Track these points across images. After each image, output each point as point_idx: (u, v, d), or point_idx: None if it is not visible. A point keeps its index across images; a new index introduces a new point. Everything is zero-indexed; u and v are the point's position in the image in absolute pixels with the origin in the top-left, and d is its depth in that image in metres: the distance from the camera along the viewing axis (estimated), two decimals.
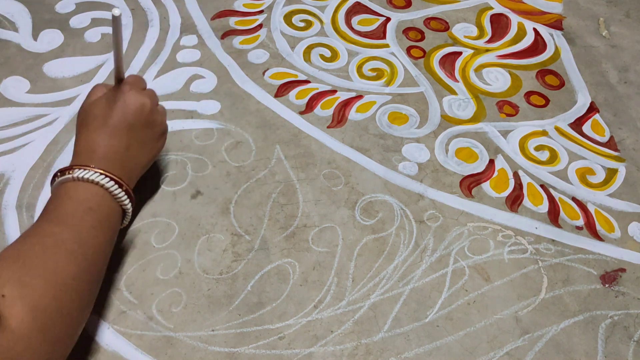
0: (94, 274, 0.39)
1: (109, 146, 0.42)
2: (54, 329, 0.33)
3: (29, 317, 0.32)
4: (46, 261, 0.35)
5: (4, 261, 0.34)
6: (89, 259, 0.38)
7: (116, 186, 0.41)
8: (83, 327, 0.38)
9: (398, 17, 0.73)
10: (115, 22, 0.40)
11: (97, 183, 0.40)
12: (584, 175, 0.58)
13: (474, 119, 0.62)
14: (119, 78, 0.45)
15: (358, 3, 0.75)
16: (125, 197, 0.42)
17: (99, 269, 0.39)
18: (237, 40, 0.67)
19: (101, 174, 0.40)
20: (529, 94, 0.65)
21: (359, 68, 0.66)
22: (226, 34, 0.68)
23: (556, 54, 0.70)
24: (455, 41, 0.71)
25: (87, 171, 0.40)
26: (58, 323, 0.34)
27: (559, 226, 0.53)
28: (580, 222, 0.53)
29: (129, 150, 0.43)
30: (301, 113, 0.60)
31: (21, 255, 0.35)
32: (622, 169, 0.58)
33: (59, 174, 0.41)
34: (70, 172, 0.40)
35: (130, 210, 0.43)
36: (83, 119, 0.44)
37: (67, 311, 0.35)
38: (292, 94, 0.62)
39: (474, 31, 0.72)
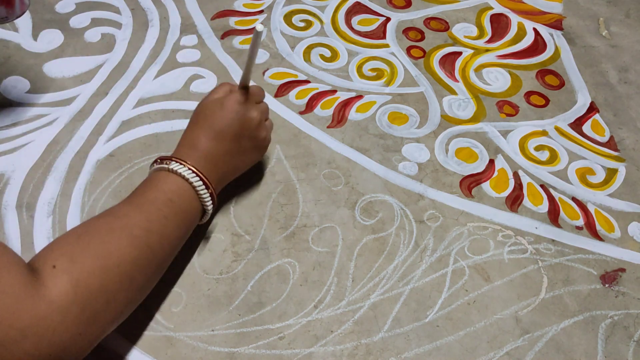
0: (154, 264, 0.39)
1: (210, 148, 0.44)
2: (94, 307, 0.34)
3: (71, 291, 0.33)
4: (106, 242, 0.36)
5: (69, 236, 0.37)
6: (153, 247, 0.38)
7: (203, 187, 0.43)
8: (129, 314, 0.39)
9: (398, 17, 0.73)
10: (256, 36, 0.42)
11: (187, 179, 0.42)
12: (584, 175, 0.58)
13: (474, 119, 0.62)
14: (244, 85, 0.47)
15: (358, 3, 0.75)
16: (209, 198, 0.43)
17: (160, 260, 0.40)
18: (237, 40, 0.67)
19: (193, 172, 0.42)
20: (529, 94, 0.65)
21: (359, 68, 0.66)
22: (226, 34, 0.68)
23: (556, 54, 0.70)
24: (455, 41, 0.71)
25: (182, 166, 0.42)
26: (100, 302, 0.34)
27: (559, 226, 0.53)
28: (580, 222, 0.53)
29: (227, 156, 0.45)
30: (301, 113, 0.60)
31: (87, 231, 0.37)
32: (622, 169, 0.58)
33: (158, 160, 0.43)
34: (168, 162, 0.43)
35: (210, 211, 0.44)
36: (197, 114, 0.46)
37: (112, 294, 0.35)
38: (292, 94, 0.62)
39: (474, 31, 0.72)
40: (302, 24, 0.70)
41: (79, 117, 0.57)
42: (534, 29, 0.74)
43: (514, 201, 0.54)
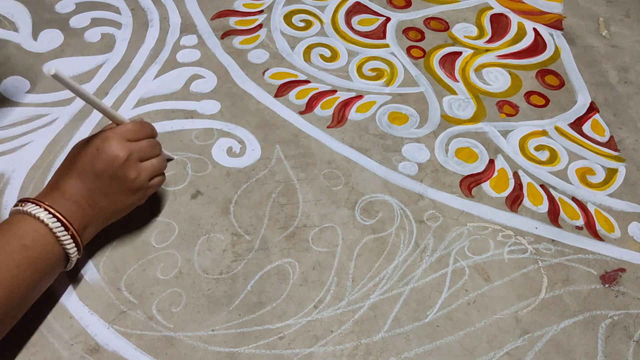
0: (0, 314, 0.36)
1: (72, 187, 0.41)
2: None
3: None
4: None
5: None
6: None
7: (62, 229, 0.39)
8: None
9: (398, 17, 0.73)
10: (57, 79, 0.37)
11: (43, 221, 0.38)
12: (584, 175, 0.58)
13: (474, 119, 0.62)
14: (116, 122, 0.44)
15: (358, 3, 0.75)
16: (70, 241, 0.40)
17: (5, 312, 0.36)
18: (237, 40, 0.67)
19: (50, 212, 0.39)
20: (529, 94, 0.65)
21: (359, 68, 0.66)
22: (226, 34, 0.68)
23: (556, 54, 0.70)
24: (455, 41, 0.71)
25: (37, 207, 0.39)
26: None
27: (559, 226, 0.53)
28: (580, 222, 0.53)
29: (91, 195, 0.41)
30: (301, 113, 0.60)
31: None
32: (622, 169, 0.58)
33: (18, 202, 0.40)
34: (23, 204, 0.39)
35: (74, 256, 0.41)
36: (67, 155, 0.43)
37: None
38: (292, 94, 0.62)
39: (474, 31, 0.72)
40: (302, 24, 0.70)
41: (79, 117, 0.57)
42: (534, 29, 0.74)
43: (514, 201, 0.54)
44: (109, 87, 0.60)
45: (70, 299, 0.44)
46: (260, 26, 0.69)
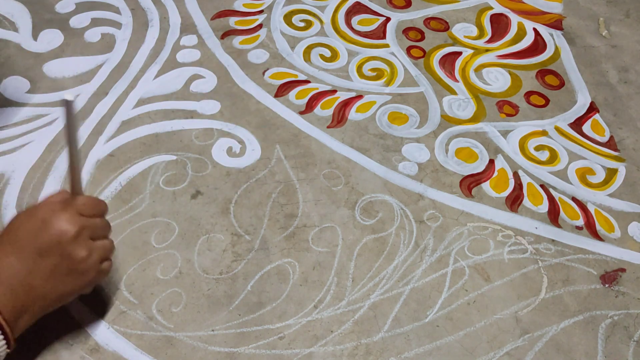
0: None
1: (8, 267, 0.35)
2: None
3: None
4: None
5: None
6: None
7: None
8: None
9: (398, 17, 0.73)
10: (68, 107, 0.34)
11: None
12: (584, 175, 0.58)
13: (474, 119, 0.62)
14: (74, 191, 0.39)
15: (358, 3, 0.75)
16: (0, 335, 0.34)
17: None
18: (237, 40, 0.67)
19: None
20: (529, 94, 0.65)
21: (359, 68, 0.66)
22: (226, 34, 0.68)
23: (556, 54, 0.70)
24: (455, 41, 0.71)
25: None
26: None
27: (559, 226, 0.53)
28: (580, 222, 0.53)
29: (30, 277, 0.35)
30: (301, 113, 0.60)
31: None
32: (622, 169, 0.58)
33: None
34: None
35: (3, 350, 0.35)
36: (5, 227, 0.37)
37: None
38: (292, 94, 0.62)
39: (474, 31, 0.72)
40: (302, 24, 0.70)
41: (79, 117, 0.57)
42: (534, 29, 0.74)
43: (514, 201, 0.54)
44: (109, 87, 0.60)
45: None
46: (260, 26, 0.69)
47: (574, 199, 0.55)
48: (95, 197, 0.41)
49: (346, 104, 0.61)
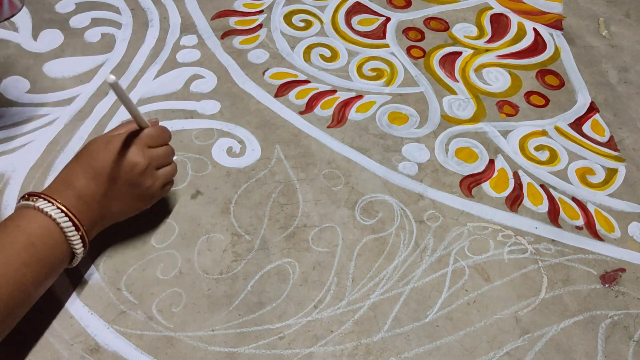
0: (3, 311, 0.35)
1: (85, 187, 0.40)
2: None
3: None
4: None
5: None
6: (3, 294, 0.35)
7: (72, 228, 0.39)
8: None
9: (398, 17, 0.73)
10: (115, 88, 0.39)
11: (55, 220, 0.38)
12: (584, 175, 0.58)
13: (474, 119, 0.62)
14: (139, 125, 0.44)
15: (358, 3, 0.75)
16: (79, 241, 0.39)
17: (9, 308, 0.36)
18: (237, 40, 0.67)
19: (62, 211, 0.38)
20: (529, 94, 0.65)
21: (359, 68, 0.66)
22: (226, 34, 0.68)
23: (556, 54, 0.70)
24: (455, 41, 0.71)
25: (49, 204, 0.38)
26: None
27: (559, 226, 0.53)
28: (580, 222, 0.53)
29: (104, 198, 0.41)
30: (301, 113, 0.60)
31: None
32: (622, 169, 0.58)
33: (26, 196, 0.39)
34: (35, 199, 0.39)
35: (80, 255, 0.40)
36: (81, 150, 0.42)
37: None
38: (292, 94, 0.62)
39: (474, 31, 0.72)
40: (302, 24, 0.70)
41: (79, 117, 0.57)
42: (534, 29, 0.74)
43: (514, 201, 0.54)
44: (109, 87, 0.59)
45: (70, 299, 0.44)
46: (260, 26, 0.69)
47: (574, 199, 0.55)
48: (160, 128, 0.45)
49: (346, 104, 0.61)
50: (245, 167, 0.54)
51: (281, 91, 0.62)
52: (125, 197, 0.43)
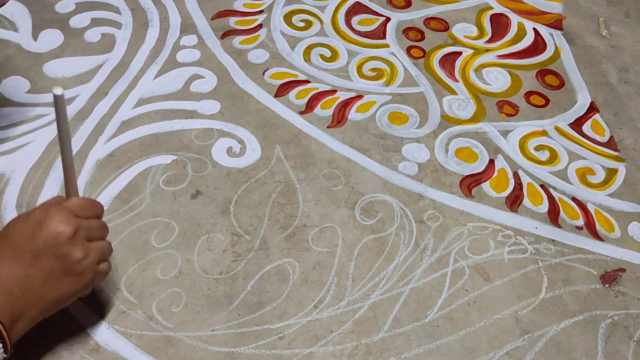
0: None
1: (4, 270, 0.35)
2: None
3: None
4: None
5: None
6: None
7: None
8: None
9: (398, 17, 0.73)
10: (58, 102, 0.34)
11: None
12: (584, 175, 0.58)
13: (474, 119, 0.62)
14: (68, 192, 0.39)
15: (358, 3, 0.75)
16: None
17: None
18: (237, 40, 0.67)
19: None
20: (529, 94, 0.65)
21: (359, 68, 0.66)
22: (226, 34, 0.68)
23: (556, 54, 0.70)
24: (455, 41, 0.71)
25: None
26: None
27: (559, 226, 0.53)
28: (580, 222, 0.53)
29: (27, 280, 0.35)
30: (301, 113, 0.60)
31: None
32: (622, 169, 0.58)
33: None
34: None
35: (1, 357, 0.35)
36: (1, 232, 0.37)
37: None
38: (292, 94, 0.62)
39: (474, 31, 0.72)
40: (302, 24, 0.70)
41: (79, 117, 0.57)
42: (534, 29, 0.74)
43: (514, 201, 0.54)
44: (109, 87, 0.60)
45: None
46: (260, 26, 0.69)
47: (574, 199, 0.55)
48: (90, 199, 0.40)
49: (346, 104, 0.61)
50: (245, 167, 0.54)
51: (281, 91, 0.62)
52: (53, 275, 0.36)
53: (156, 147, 0.55)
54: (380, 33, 0.71)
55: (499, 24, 0.74)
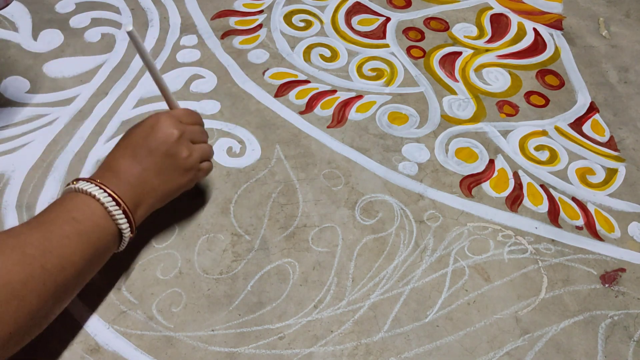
0: (52, 287, 0.35)
1: (125, 165, 0.41)
2: None
3: None
4: None
5: None
6: (49, 268, 0.35)
7: (113, 203, 0.39)
8: (23, 342, 0.35)
9: (398, 17, 0.73)
10: (132, 38, 0.40)
11: (94, 196, 0.39)
12: (584, 175, 0.58)
13: (474, 119, 0.62)
14: (170, 106, 0.46)
15: (358, 3, 0.75)
16: (123, 217, 0.40)
17: (60, 283, 0.36)
18: (237, 40, 0.67)
19: (101, 188, 0.39)
20: (529, 94, 0.65)
21: (359, 68, 0.66)
22: (226, 34, 0.68)
23: (556, 54, 0.70)
24: (455, 41, 0.71)
25: (89, 184, 0.39)
26: None
27: (559, 226, 0.53)
28: (580, 222, 0.53)
29: (144, 173, 0.42)
30: (301, 113, 0.60)
31: None
32: (622, 169, 0.58)
33: (70, 182, 0.40)
34: (76, 182, 0.40)
35: (127, 233, 0.40)
36: (121, 138, 0.44)
37: (2, 317, 0.32)
38: (292, 94, 0.62)
39: (474, 31, 0.72)
40: (302, 24, 0.70)
41: (79, 117, 0.57)
42: (534, 29, 0.74)
43: (514, 201, 0.54)
44: (109, 87, 0.60)
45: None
46: (260, 26, 0.69)
47: (574, 199, 0.55)
48: (191, 109, 0.47)
49: (346, 104, 0.61)
50: (245, 167, 0.54)
51: (281, 91, 0.62)
52: (165, 170, 0.43)
53: None
54: (380, 33, 0.71)
55: (499, 24, 0.74)
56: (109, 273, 0.46)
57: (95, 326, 0.43)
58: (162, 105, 0.59)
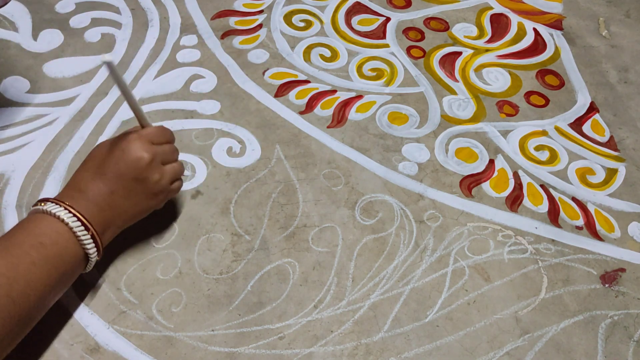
0: (16, 315, 0.35)
1: (94, 188, 0.41)
2: None
3: None
4: None
5: None
6: (15, 297, 0.34)
7: (82, 228, 0.39)
8: None
9: (398, 17, 0.73)
10: (110, 68, 0.38)
11: (63, 220, 0.38)
12: (584, 175, 0.58)
13: (474, 119, 0.62)
14: (141, 124, 0.45)
15: (358, 3, 0.75)
16: (90, 241, 0.39)
17: (25, 312, 0.35)
18: (237, 40, 0.67)
19: (70, 211, 0.39)
20: (529, 94, 0.65)
21: (359, 68, 0.66)
22: (226, 34, 0.68)
23: (556, 54, 0.70)
24: (455, 41, 0.71)
25: (57, 206, 0.39)
26: None
27: (559, 226, 0.53)
28: (580, 222, 0.53)
29: (113, 197, 0.41)
30: (301, 113, 0.60)
31: None
32: (622, 169, 0.58)
33: (38, 202, 0.40)
34: (43, 204, 0.39)
35: (93, 257, 0.40)
36: (87, 157, 0.43)
37: None
38: (292, 94, 0.62)
39: (474, 31, 0.72)
40: (302, 24, 0.70)
41: (79, 117, 0.57)
42: (534, 29, 0.74)
43: (514, 201, 0.54)
44: (109, 87, 0.60)
45: (70, 299, 0.44)
46: (260, 26, 0.69)
47: (574, 199, 0.55)
48: (163, 127, 0.46)
49: (346, 104, 0.61)
50: (245, 167, 0.54)
51: (281, 91, 0.62)
52: (134, 193, 0.42)
53: None
54: (380, 33, 0.71)
55: (499, 24, 0.74)
56: (109, 273, 0.46)
57: (95, 326, 0.43)
58: (162, 105, 0.59)
